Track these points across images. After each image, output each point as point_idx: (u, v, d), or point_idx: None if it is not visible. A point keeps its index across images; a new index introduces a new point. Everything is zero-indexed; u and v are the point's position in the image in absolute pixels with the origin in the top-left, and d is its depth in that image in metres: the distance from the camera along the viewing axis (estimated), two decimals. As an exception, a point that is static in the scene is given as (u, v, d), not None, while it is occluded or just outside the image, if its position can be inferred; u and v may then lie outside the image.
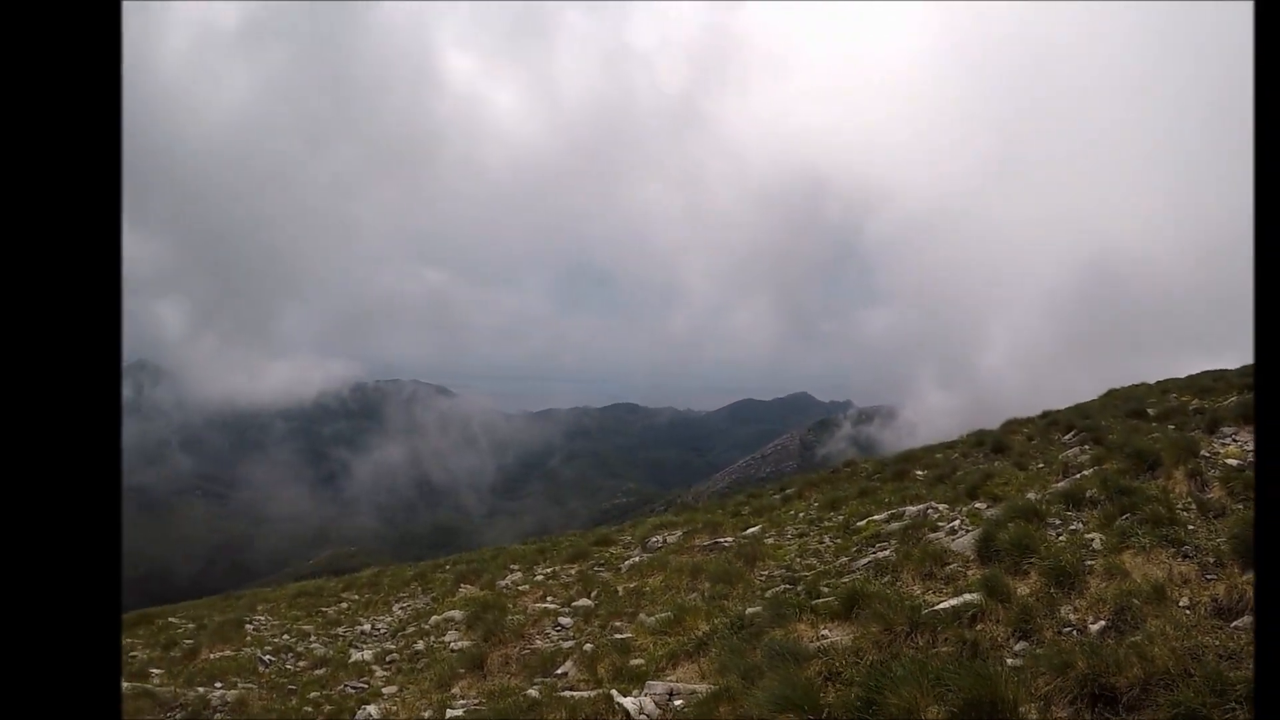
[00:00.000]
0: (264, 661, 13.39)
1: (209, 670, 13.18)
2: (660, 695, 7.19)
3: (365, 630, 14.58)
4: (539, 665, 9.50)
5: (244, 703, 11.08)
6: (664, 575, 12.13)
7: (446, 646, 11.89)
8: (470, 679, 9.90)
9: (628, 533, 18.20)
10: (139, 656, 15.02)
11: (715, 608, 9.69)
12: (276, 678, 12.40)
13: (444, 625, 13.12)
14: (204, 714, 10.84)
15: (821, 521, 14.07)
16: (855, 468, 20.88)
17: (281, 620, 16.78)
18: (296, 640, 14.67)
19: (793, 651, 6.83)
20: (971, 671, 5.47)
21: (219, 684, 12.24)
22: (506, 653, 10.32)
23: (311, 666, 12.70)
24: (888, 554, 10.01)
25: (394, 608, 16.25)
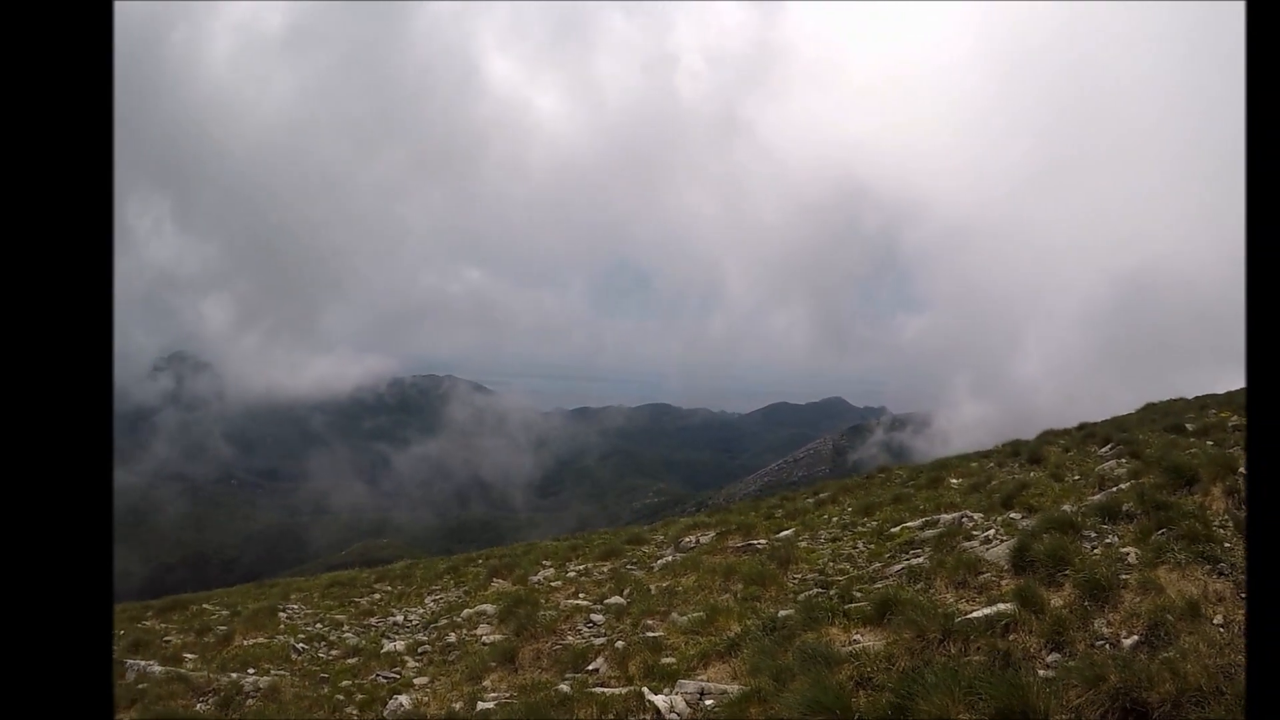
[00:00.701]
0: (297, 649, 13.54)
1: (242, 656, 13.34)
2: (691, 694, 7.25)
3: (398, 621, 14.71)
4: (570, 661, 9.56)
5: (276, 689, 11.21)
6: (697, 575, 12.15)
7: (478, 640, 11.98)
8: (501, 672, 9.98)
9: (659, 532, 18.25)
10: (173, 641, 15.23)
11: (747, 609, 9.74)
12: (309, 665, 12.54)
13: (476, 619, 13.20)
14: (237, 699, 10.98)
15: (855, 526, 14.06)
16: (889, 474, 20.81)
17: (314, 609, 16.96)
18: (329, 629, 14.82)
19: (824, 655, 6.86)
20: (1004, 681, 5.50)
21: (252, 670, 12.41)
22: (538, 647, 10.39)
23: (344, 655, 12.83)
24: (921, 561, 10.01)
25: (426, 600, 16.37)
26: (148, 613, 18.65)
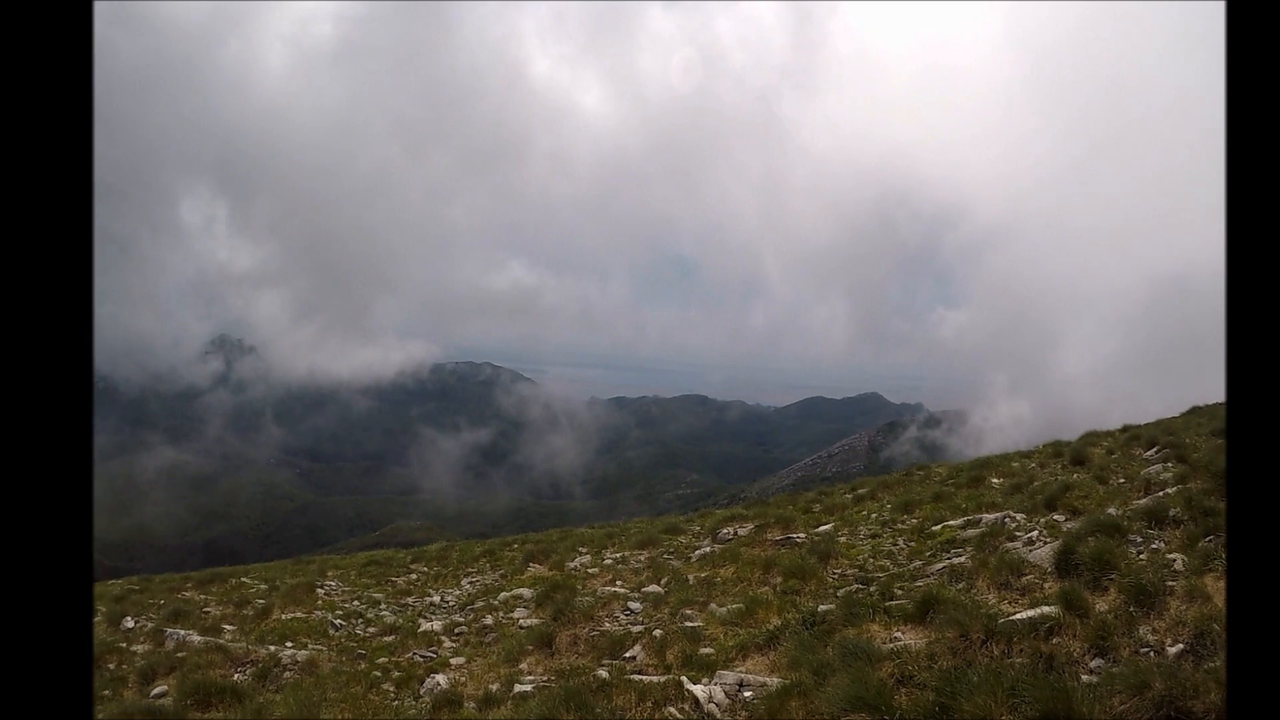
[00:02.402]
0: (334, 625, 13.65)
1: (280, 630, 13.48)
2: (730, 685, 7.25)
3: (434, 602, 14.80)
4: (607, 647, 9.58)
5: (314, 663, 11.32)
6: (735, 567, 12.13)
7: (515, 623, 12.02)
8: (538, 656, 10.02)
9: (696, 523, 18.23)
10: (212, 613, 15.43)
11: (787, 602, 9.70)
12: (346, 641, 12.64)
13: (513, 602, 13.26)
14: (274, 671, 11.10)
15: (895, 524, 13.97)
16: (928, 471, 20.66)
17: (352, 587, 17.09)
18: (367, 607, 14.94)
19: (865, 651, 6.85)
20: (1047, 685, 5.46)
21: (290, 644, 12.53)
22: (575, 633, 10.42)
23: (381, 633, 12.92)
24: (963, 560, 9.93)
25: (463, 582, 16.46)
26: (187, 584, 18.91)
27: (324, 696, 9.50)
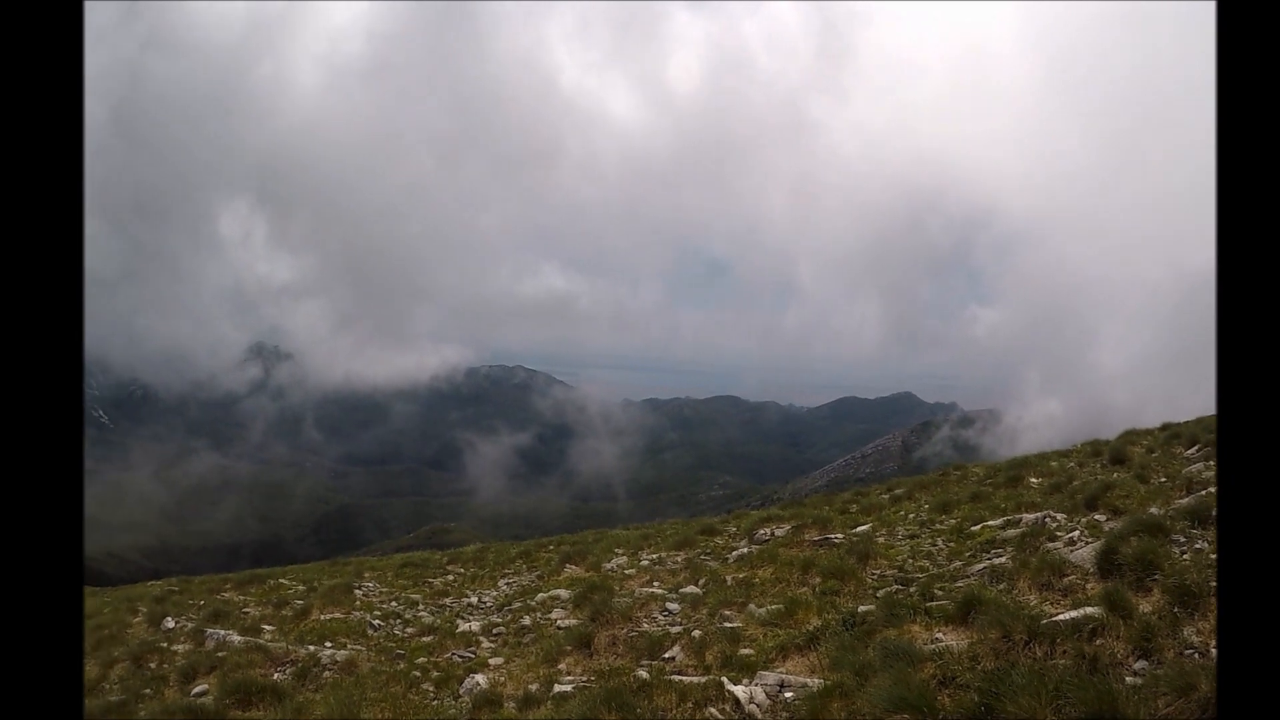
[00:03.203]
0: (373, 625, 13.75)
1: (319, 630, 13.60)
2: (771, 686, 7.24)
3: (472, 602, 14.84)
4: (646, 648, 9.57)
5: (353, 663, 11.40)
6: (774, 568, 12.09)
7: (553, 623, 12.03)
8: (576, 656, 10.03)
9: (732, 524, 18.18)
10: (251, 613, 15.60)
11: (826, 603, 9.66)
12: (385, 642, 12.72)
13: (550, 603, 13.28)
14: (314, 670, 11.20)
15: (933, 524, 13.87)
16: (965, 471, 20.52)
17: (389, 588, 17.20)
18: (404, 608, 15.01)
19: (907, 652, 6.81)
20: (1091, 686, 5.42)
21: (329, 643, 12.63)
22: (613, 633, 10.42)
23: (419, 633, 12.98)
24: (1003, 561, 9.85)
25: (499, 583, 16.49)
26: (226, 585, 19.12)
27: (364, 696, 9.56)
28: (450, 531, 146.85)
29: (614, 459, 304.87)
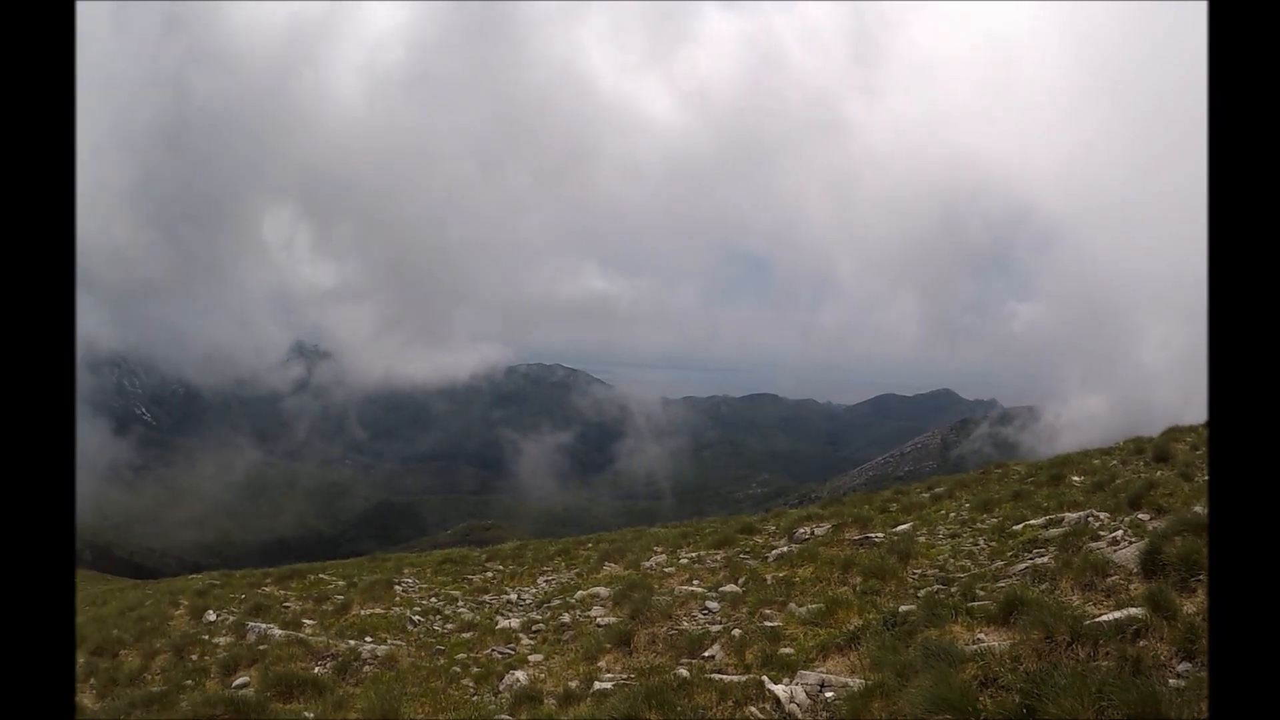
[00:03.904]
0: (413, 621, 13.86)
1: (359, 625, 13.73)
2: (811, 685, 7.24)
3: (511, 599, 14.92)
4: (686, 646, 9.60)
5: (394, 658, 11.52)
6: (814, 567, 12.06)
7: (592, 621, 12.07)
8: (616, 654, 10.07)
9: (771, 522, 18.13)
10: (292, 608, 15.77)
11: (867, 602, 9.63)
12: (425, 637, 12.83)
13: (589, 600, 13.32)
14: (354, 665, 11.32)
15: (974, 523, 13.74)
16: (1005, 470, 20.33)
17: (428, 584, 17.31)
18: (444, 604, 15.13)
19: (948, 652, 6.78)
20: (1134, 687, 5.37)
21: (369, 638, 12.75)
22: (653, 631, 10.45)
23: (459, 629, 13.08)
24: (1046, 561, 9.76)
25: (538, 580, 16.56)
26: (267, 579, 19.35)
27: (404, 691, 9.66)
28: (488, 529, 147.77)
29: (654, 458, 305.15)
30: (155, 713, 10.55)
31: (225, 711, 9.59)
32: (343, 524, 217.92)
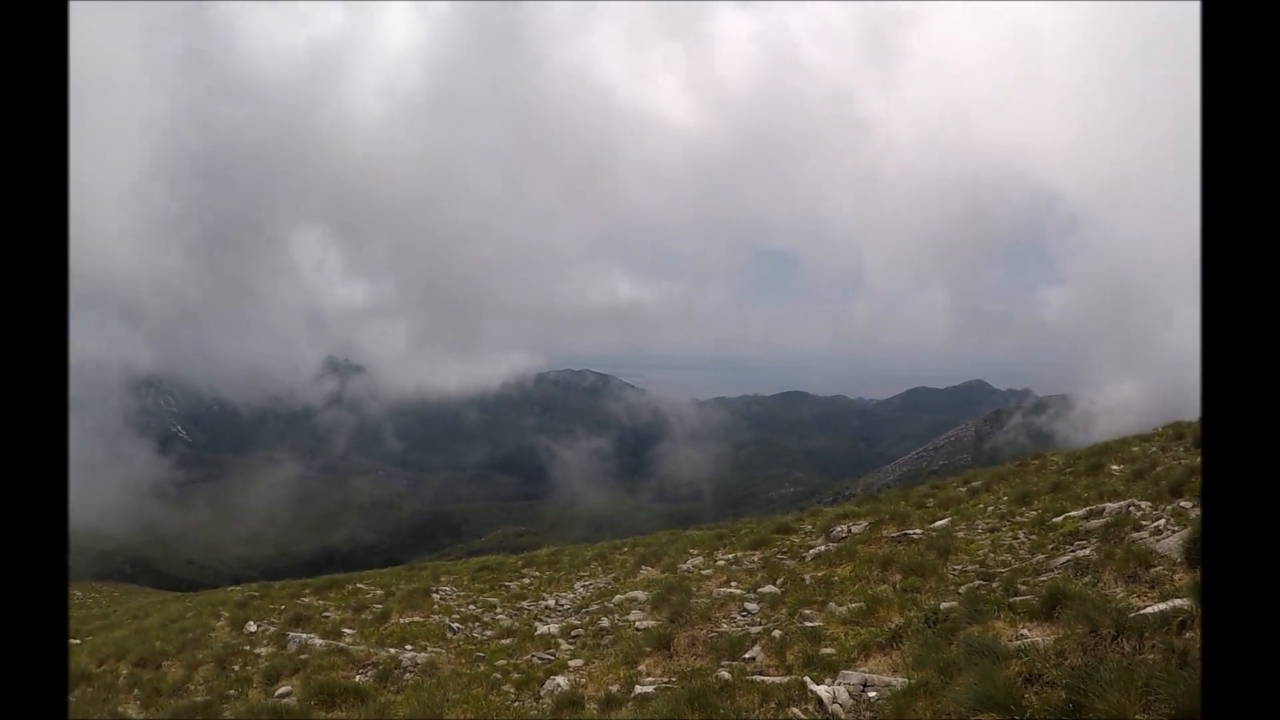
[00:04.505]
0: (452, 628, 13.95)
1: (399, 633, 13.85)
2: (854, 685, 7.20)
3: (549, 605, 14.98)
4: (726, 648, 9.59)
5: (434, 665, 11.60)
6: (853, 565, 12.00)
7: (631, 625, 12.09)
8: (656, 658, 10.07)
9: (807, 521, 18.07)
10: (331, 617, 15.92)
11: (908, 600, 9.58)
12: (464, 644, 12.91)
13: (628, 604, 13.33)
14: (395, 673, 11.40)
15: (1013, 516, 13.60)
16: (1043, 460, 20.15)
17: (466, 592, 17.40)
18: (482, 611, 15.21)
19: (991, 649, 6.71)
20: (1181, 681, 5.29)
21: (409, 646, 12.85)
22: (693, 634, 10.44)
23: (498, 636, 13.15)
24: (1087, 553, 9.64)
25: (576, 585, 16.61)
26: (306, 590, 19.50)
27: (446, 697, 9.72)
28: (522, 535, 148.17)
29: (688, 460, 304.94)
30: None
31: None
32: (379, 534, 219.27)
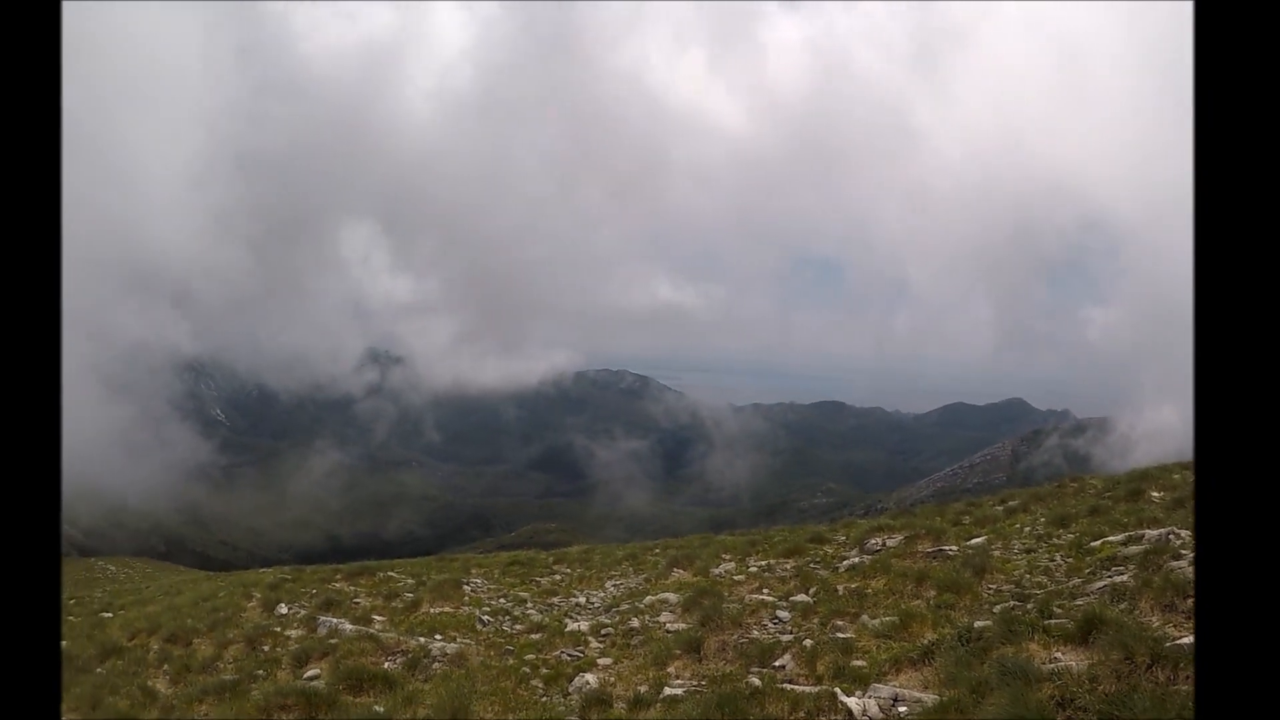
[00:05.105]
0: (482, 621, 14.01)
1: (429, 623, 13.91)
2: (884, 699, 7.20)
3: (579, 603, 15.02)
4: (756, 655, 9.59)
5: (463, 656, 11.67)
6: (887, 579, 11.95)
7: (661, 626, 12.10)
8: (686, 660, 10.10)
9: (841, 532, 18.00)
10: (362, 604, 16.06)
11: (941, 617, 9.54)
12: (494, 637, 12.98)
13: (658, 606, 13.34)
14: (424, 662, 11.47)
15: (1050, 538, 13.47)
16: (1081, 483, 19.95)
17: (496, 585, 17.46)
18: (513, 605, 15.26)
19: (1024, 670, 6.67)
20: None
21: (439, 636, 12.91)
22: (723, 639, 10.45)
23: (528, 630, 13.21)
24: (1125, 579, 9.56)
25: (606, 584, 16.64)
26: (337, 576, 19.67)
27: (474, 689, 9.78)
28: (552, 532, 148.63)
29: (724, 465, 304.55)
30: (228, 700, 10.81)
31: (296, 702, 9.79)
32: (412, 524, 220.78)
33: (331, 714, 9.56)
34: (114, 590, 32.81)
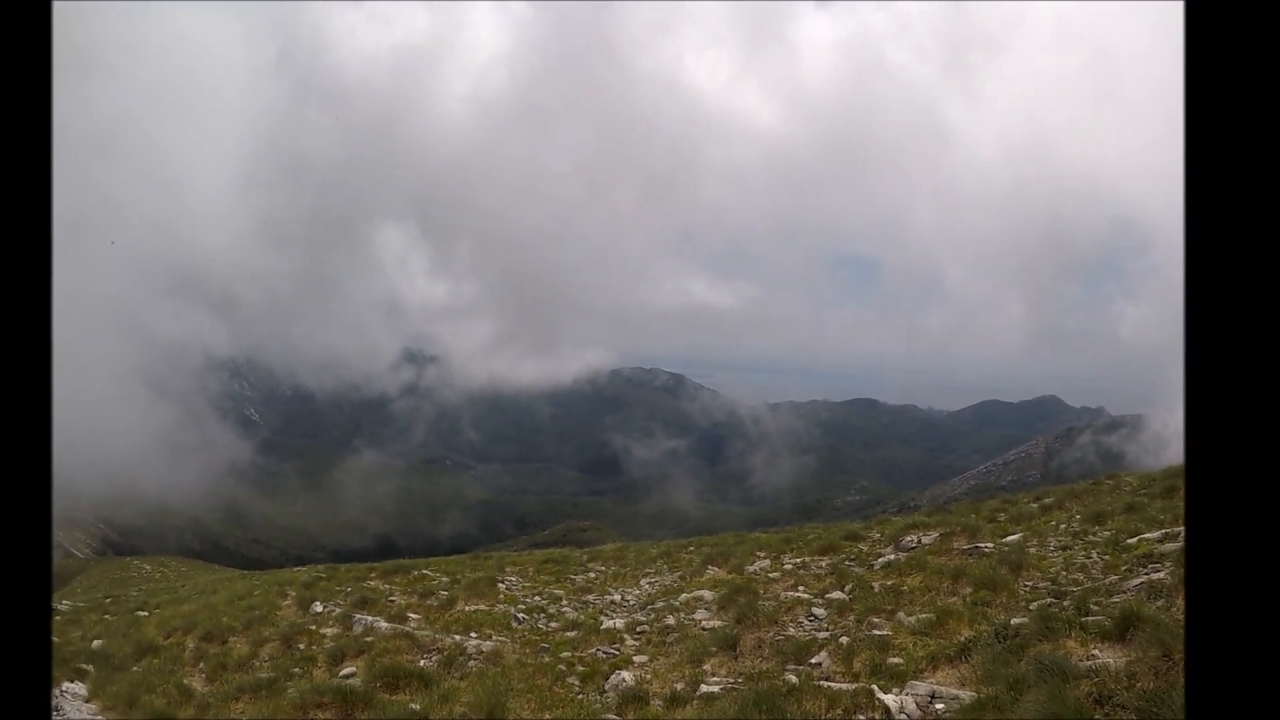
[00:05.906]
0: (517, 618, 14.05)
1: (464, 621, 13.97)
2: (922, 696, 7.21)
3: (614, 600, 15.04)
4: (792, 652, 9.60)
5: (499, 654, 11.72)
6: (923, 576, 11.90)
7: (697, 624, 12.12)
8: (721, 658, 10.11)
9: (875, 530, 17.94)
10: (397, 602, 16.13)
11: (978, 614, 9.50)
12: (529, 635, 13.00)
13: (693, 603, 13.35)
14: (459, 659, 11.53)
15: (1086, 535, 13.37)
16: (1117, 481, 19.79)
17: (531, 583, 17.52)
18: (548, 603, 15.30)
19: (1061, 667, 6.66)
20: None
21: (474, 634, 12.97)
22: (759, 636, 10.46)
23: (563, 628, 13.24)
24: (1162, 576, 9.49)
25: (641, 582, 16.65)
26: (372, 574, 19.79)
27: (510, 686, 9.82)
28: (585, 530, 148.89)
29: (760, 463, 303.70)
30: (264, 698, 10.93)
31: (332, 700, 9.89)
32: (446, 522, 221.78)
33: (368, 712, 9.64)
34: (149, 589, 33.10)
